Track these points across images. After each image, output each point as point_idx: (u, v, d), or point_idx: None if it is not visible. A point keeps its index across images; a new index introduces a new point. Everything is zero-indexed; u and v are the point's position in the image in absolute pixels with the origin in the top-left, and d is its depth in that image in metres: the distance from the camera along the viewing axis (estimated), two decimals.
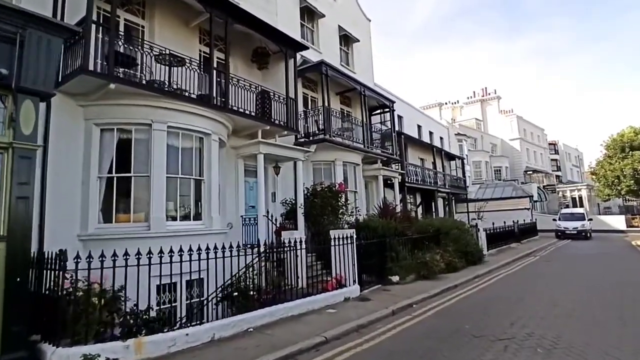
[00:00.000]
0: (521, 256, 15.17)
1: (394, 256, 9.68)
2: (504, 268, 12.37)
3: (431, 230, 11.79)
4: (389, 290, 8.80)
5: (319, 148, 13.25)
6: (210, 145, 9.13)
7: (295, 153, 11.55)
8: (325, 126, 12.81)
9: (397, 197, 17.54)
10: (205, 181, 8.99)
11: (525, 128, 48.48)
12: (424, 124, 25.01)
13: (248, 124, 10.56)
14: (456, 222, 13.02)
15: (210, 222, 8.85)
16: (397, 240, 10.11)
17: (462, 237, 12.24)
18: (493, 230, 17.19)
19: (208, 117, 9.07)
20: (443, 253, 11.14)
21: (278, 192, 12.39)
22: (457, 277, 10.23)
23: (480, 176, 38.20)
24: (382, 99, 17.14)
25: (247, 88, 10.33)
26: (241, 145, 10.77)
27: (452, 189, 24.34)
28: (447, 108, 47.61)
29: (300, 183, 11.72)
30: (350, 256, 8.39)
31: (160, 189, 7.92)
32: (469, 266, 12.09)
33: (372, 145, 16.43)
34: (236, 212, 10.89)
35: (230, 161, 10.93)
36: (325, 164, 13.93)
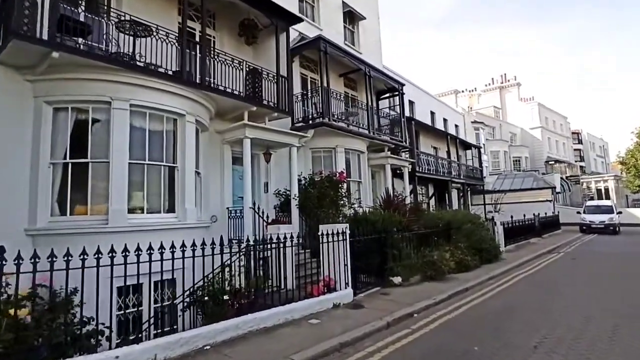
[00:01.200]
0: (543, 253, 13.70)
1: (396, 254, 8.45)
2: (523, 267, 10.98)
3: (441, 224, 10.48)
4: (388, 294, 7.59)
5: (318, 134, 12.03)
6: (185, 128, 8.03)
7: (289, 138, 10.36)
8: (324, 109, 11.56)
9: (407, 188, 16.20)
10: (179, 168, 7.92)
11: (546, 116, 45.97)
12: (438, 110, 23.43)
13: (233, 105, 9.41)
14: (469, 215, 11.66)
15: (184, 215, 7.79)
16: (400, 236, 8.86)
17: (476, 232, 10.89)
18: (511, 224, 15.71)
19: (182, 96, 7.96)
20: (454, 250, 9.84)
21: (271, 182, 11.26)
22: (469, 278, 8.94)
23: (499, 167, 36.27)
24: (390, 81, 15.72)
25: (231, 64, 9.15)
26: (226, 129, 9.64)
27: (468, 180, 22.79)
28: (463, 96, 45.44)
29: (295, 172, 10.56)
30: (342, 255, 7.21)
31: (120, 177, 6.87)
32: (484, 264, 10.75)
33: (379, 132, 15.11)
34: (221, 203, 9.81)
35: (214, 147, 9.83)
36: (325, 152, 12.72)
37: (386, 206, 10.41)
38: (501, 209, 16.95)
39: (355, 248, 7.64)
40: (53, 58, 6.09)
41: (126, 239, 6.25)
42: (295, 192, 10.49)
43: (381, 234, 8.41)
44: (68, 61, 6.46)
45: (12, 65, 6.50)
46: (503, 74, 47.36)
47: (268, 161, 10.53)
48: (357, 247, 7.67)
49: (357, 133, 13.03)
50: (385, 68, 17.29)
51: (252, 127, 9.29)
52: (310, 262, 8.69)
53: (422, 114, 20.87)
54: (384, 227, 8.57)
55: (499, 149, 37.00)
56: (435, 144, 21.96)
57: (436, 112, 23.05)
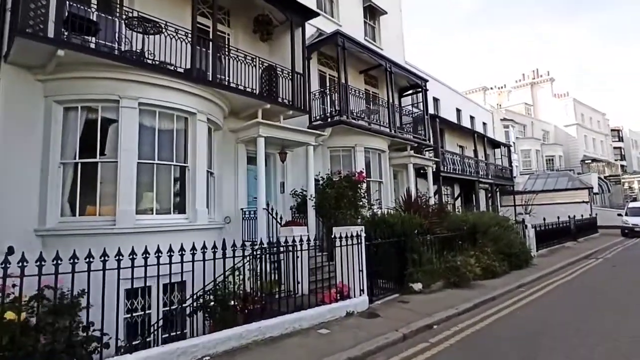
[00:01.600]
0: (579, 258, 12.72)
1: (416, 259, 7.93)
2: (557, 274, 10.16)
3: (465, 227, 9.83)
4: (407, 302, 7.09)
5: (336, 132, 11.65)
6: (196, 126, 7.83)
7: (305, 137, 10.02)
8: (342, 106, 11.14)
9: (431, 188, 15.53)
10: (190, 168, 7.73)
11: (582, 112, 43.54)
12: (464, 107, 22.48)
13: (246, 103, 9.17)
14: (497, 217, 10.92)
15: (194, 216, 7.58)
16: (420, 239, 8.32)
17: (503, 236, 10.15)
18: (544, 227, 14.73)
19: (192, 94, 7.76)
20: (479, 255, 9.19)
21: (287, 182, 10.95)
22: (496, 286, 8.29)
23: (530, 166, 34.60)
24: (413, 77, 15.10)
25: (244, 60, 8.89)
26: (240, 127, 9.40)
27: (496, 180, 21.73)
28: (492, 93, 43.76)
29: (312, 171, 10.22)
30: (356, 260, 6.77)
31: (128, 177, 6.73)
32: (513, 270, 10.02)
33: (401, 130, 14.55)
34: (235, 204, 9.59)
35: (228, 146, 9.62)
36: (344, 151, 12.30)
37: (407, 207, 9.88)
38: (532, 210, 15.95)
39: (371, 252, 7.19)
40: (59, 56, 6.00)
41: (135, 240, 6.11)
42: (311, 192, 10.14)
43: (400, 237, 7.91)
44: (76, 60, 6.37)
45: (23, 65, 6.48)
46: (535, 69, 45.24)
47: (283, 160, 10.22)
48: (373, 251, 7.22)
49: (377, 131, 12.53)
50: (408, 64, 16.66)
51: (266, 125, 9.01)
52: (328, 265, 8.34)
53: (447, 111, 20.04)
54: (403, 230, 8.06)
55: (530, 147, 35.30)
56: (462, 143, 21.06)
57: (462, 109, 22.11)
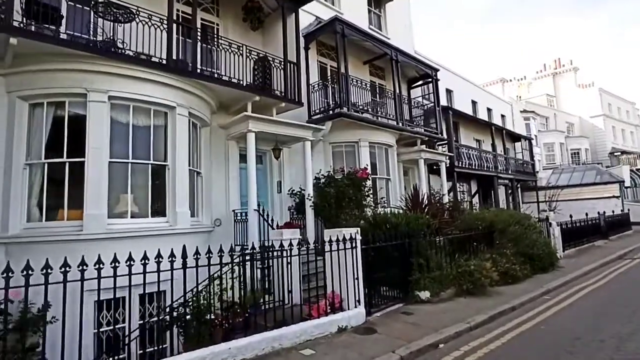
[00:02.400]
0: (611, 259, 11.47)
1: (423, 263, 7.02)
2: (586, 278, 9.04)
3: (480, 226, 8.83)
4: (410, 313, 6.21)
5: (338, 127, 10.84)
6: (176, 122, 7.17)
7: (301, 131, 9.25)
8: (342, 98, 10.32)
9: (445, 184, 14.51)
10: (170, 167, 7.07)
11: (610, 102, 41.17)
12: (480, 99, 21.25)
13: (235, 96, 8.49)
14: (517, 215, 9.85)
15: (175, 219, 6.92)
16: (428, 241, 7.42)
17: (525, 236, 9.09)
18: (571, 225, 13.48)
19: (172, 86, 7.12)
20: (497, 258, 8.19)
21: (285, 181, 10.21)
22: (517, 293, 7.30)
23: (554, 160, 32.80)
24: (422, 67, 14.12)
25: (231, 50, 8.20)
26: (229, 123, 8.71)
27: (517, 175, 20.41)
28: (512, 85, 41.86)
29: (310, 169, 9.43)
30: (351, 266, 5.95)
31: (97, 178, 6.11)
32: (536, 274, 8.97)
33: (411, 123, 13.61)
34: (226, 205, 8.91)
35: (218, 144, 8.95)
36: (347, 146, 11.47)
37: (414, 206, 8.96)
38: (557, 206, 14.70)
39: (370, 257, 6.34)
40: (13, 45, 5.42)
41: (107, 247, 5.55)
42: (310, 191, 9.37)
43: (405, 240, 7.03)
44: (37, 50, 5.81)
45: None
46: (557, 58, 43.11)
47: (277, 157, 9.48)
48: (371, 256, 6.37)
49: (383, 124, 11.64)
50: (418, 54, 15.67)
51: (256, 119, 8.28)
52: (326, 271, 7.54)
53: (461, 103, 18.90)
54: (408, 231, 7.18)
55: (554, 140, 33.46)
56: (478, 137, 19.86)
57: (478, 101, 20.89)
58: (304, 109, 10.87)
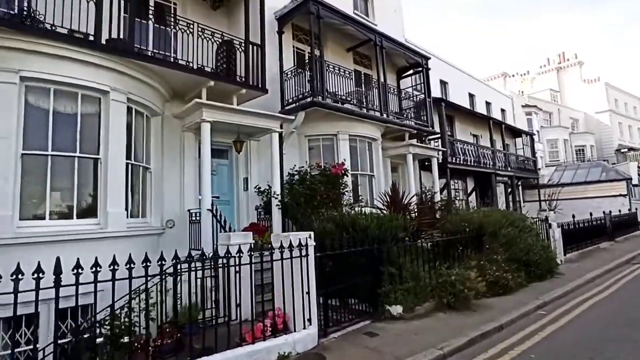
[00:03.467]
0: (618, 264, 10.38)
1: (395, 273, 5.99)
2: (590, 287, 7.98)
3: (468, 229, 7.78)
4: (376, 334, 5.20)
5: (316, 118, 9.86)
6: (109, 108, 6.19)
7: (267, 122, 8.24)
8: (316, 85, 9.30)
9: (437, 182, 13.45)
10: (103, 161, 6.10)
11: (616, 98, 39.79)
12: (478, 92, 20.13)
13: (187, 82, 7.52)
14: (510, 216, 8.77)
15: (106, 221, 5.95)
16: (403, 246, 6.39)
17: (519, 239, 8.03)
18: (573, 225, 12.39)
19: (106, 68, 6.16)
20: (486, 265, 7.16)
21: (252, 177, 9.21)
22: (507, 307, 6.26)
23: (557, 157, 31.56)
24: (410, 54, 13.06)
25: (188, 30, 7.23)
26: (181, 112, 7.73)
27: (517, 172, 19.28)
28: (514, 81, 40.58)
29: (277, 164, 8.45)
30: (301, 278, 4.95)
31: (3, 173, 5.15)
32: (533, 282, 7.93)
33: (400, 115, 12.58)
34: (181, 204, 7.94)
35: (172, 136, 7.99)
36: (325, 139, 10.46)
37: (392, 205, 7.92)
38: (558, 206, 13.61)
39: (329, 266, 5.34)
40: None
41: (14, 255, 4.65)
42: (276, 189, 8.38)
43: (374, 245, 6.01)
44: None
45: None
46: (561, 52, 41.75)
47: (239, 151, 8.47)
48: (330, 265, 5.37)
49: (365, 116, 10.61)
50: (408, 42, 14.60)
51: (211, 107, 7.28)
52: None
53: (457, 96, 17.79)
54: (378, 235, 6.16)
55: (557, 137, 32.20)
56: (476, 131, 18.76)
57: (476, 94, 19.76)
58: (276, 98, 9.92)
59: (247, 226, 8.59)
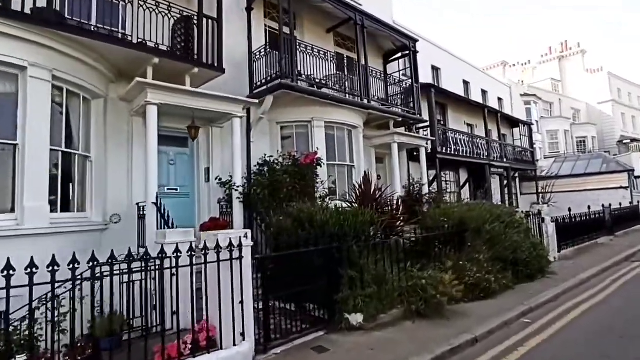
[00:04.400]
0: (617, 261, 9.56)
1: (356, 276, 5.19)
2: (585, 288, 7.18)
3: (447, 225, 6.96)
4: (326, 349, 4.42)
5: (289, 103, 9.07)
6: (27, 87, 5.36)
7: (226, 105, 7.41)
8: (286, 66, 8.44)
9: (425, 173, 12.60)
10: (20, 147, 5.29)
11: (619, 87, 38.66)
12: (474, 80, 19.18)
13: (128, 59, 6.67)
14: (497, 210, 7.90)
15: (23, 216, 5.16)
16: (366, 245, 5.57)
17: (504, 236, 7.21)
18: (570, 220, 11.55)
19: (24, 40, 5.31)
20: (466, 265, 6.35)
21: (214, 167, 8.40)
22: (487, 314, 5.47)
23: (557, 149, 30.62)
24: (397, 36, 12.14)
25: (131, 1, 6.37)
26: (125, 94, 6.90)
27: (514, 164, 18.41)
28: (515, 71, 39.39)
29: (238, 152, 7.66)
30: (232, 284, 4.15)
31: None
32: (521, 283, 7.14)
33: (386, 102, 11.70)
34: (129, 197, 7.14)
35: (118, 121, 7.17)
36: (299, 126, 9.64)
37: (363, 199, 7.08)
38: (553, 199, 12.77)
39: (269, 270, 4.55)
40: None
41: None
42: (237, 180, 7.58)
43: (332, 244, 5.20)
44: None
45: None
46: (564, 41, 40.53)
47: (194, 138, 7.61)
48: (270, 268, 4.57)
49: (342, 100, 9.74)
50: (397, 24, 13.65)
51: (157, 88, 6.44)
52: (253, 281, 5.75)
53: (451, 83, 16.86)
54: (339, 232, 5.36)
55: (558, 127, 31.22)
56: (470, 120, 17.87)
57: (471, 81, 18.81)
58: (244, 81, 9.09)
59: (207, 221, 7.81)
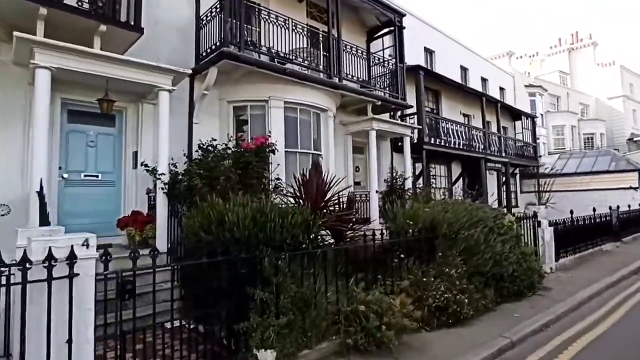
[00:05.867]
0: (624, 275, 8.13)
1: (269, 298, 3.83)
2: (582, 312, 5.79)
3: (413, 230, 5.54)
4: None
5: (243, 78, 7.80)
6: None
7: (148, 74, 6.03)
8: (229, 30, 7.00)
9: (408, 166, 11.18)
10: None
11: (632, 82, 36.69)
12: (473, 66, 17.57)
13: (16, 11, 5.27)
14: (480, 211, 6.44)
15: None
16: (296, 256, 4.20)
17: (486, 245, 5.80)
18: (571, 223, 10.10)
19: None
20: (431, 282, 4.97)
21: (143, 151, 7.06)
22: (449, 353, 4.11)
23: (563, 145, 29.01)
24: (379, 8, 10.61)
25: None
26: (14, 56, 5.52)
27: (513, 159, 16.89)
28: (522, 63, 37.46)
29: (164, 133, 6.31)
30: (56, 314, 2.81)
31: None
32: (505, 303, 5.79)
33: (368, 84, 10.26)
34: (23, 184, 5.82)
35: (13, 91, 5.82)
36: (256, 107, 8.26)
37: (307, 194, 5.67)
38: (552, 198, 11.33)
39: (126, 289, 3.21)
40: None
41: None
42: (163, 168, 6.23)
43: (239, 254, 3.84)
44: None
45: None
46: (574, 32, 38.50)
47: (105, 111, 6.16)
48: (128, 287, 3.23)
49: (307, 77, 8.29)
50: None
51: (50, 47, 5.06)
52: (172, 292, 4.41)
53: (447, 68, 15.27)
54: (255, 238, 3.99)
55: (564, 122, 29.57)
56: (467, 111, 16.33)
57: (469, 68, 17.20)
58: (188, 51, 7.71)
59: (127, 215, 6.50)
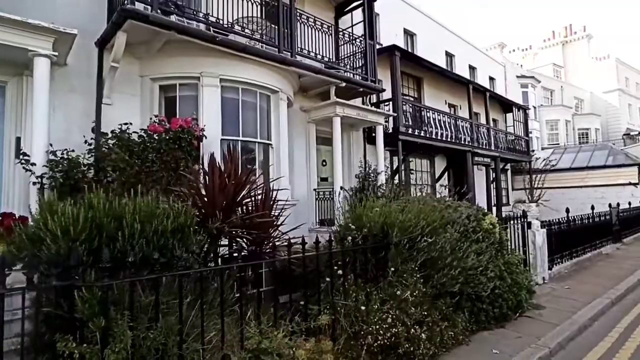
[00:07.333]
0: (630, 286, 6.77)
1: (83, 351, 2.38)
2: (585, 343, 4.42)
3: (356, 235, 4.11)
4: None
5: (172, 51, 6.38)
6: None
7: (19, 35, 4.55)
8: None
9: (381, 158, 9.77)
10: None
11: (627, 76, 35.60)
12: (460, 53, 16.19)
13: None
14: (449, 210, 4.99)
15: None
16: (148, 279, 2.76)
17: (455, 255, 4.38)
18: (567, 224, 8.75)
19: None
20: (373, 310, 3.55)
21: (27, 136, 5.56)
22: None
23: (557, 140, 27.82)
24: None
25: None
26: None
27: (505, 153, 15.55)
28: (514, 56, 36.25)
29: (40, 115, 4.86)
30: None
31: None
32: (485, 331, 4.41)
33: (336, 64, 8.86)
34: None
35: None
36: (186, 86, 6.79)
37: (207, 191, 4.20)
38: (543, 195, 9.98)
39: None
40: None
41: None
42: (37, 158, 4.78)
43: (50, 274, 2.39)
44: None
45: None
46: (568, 24, 37.39)
47: None
48: None
49: (243, 49, 6.78)
50: None
51: None
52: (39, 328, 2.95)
53: (430, 53, 13.82)
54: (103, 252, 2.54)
55: (558, 117, 28.36)
56: (454, 101, 14.99)
57: (456, 54, 15.80)
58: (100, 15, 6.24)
59: (1, 215, 5.03)
